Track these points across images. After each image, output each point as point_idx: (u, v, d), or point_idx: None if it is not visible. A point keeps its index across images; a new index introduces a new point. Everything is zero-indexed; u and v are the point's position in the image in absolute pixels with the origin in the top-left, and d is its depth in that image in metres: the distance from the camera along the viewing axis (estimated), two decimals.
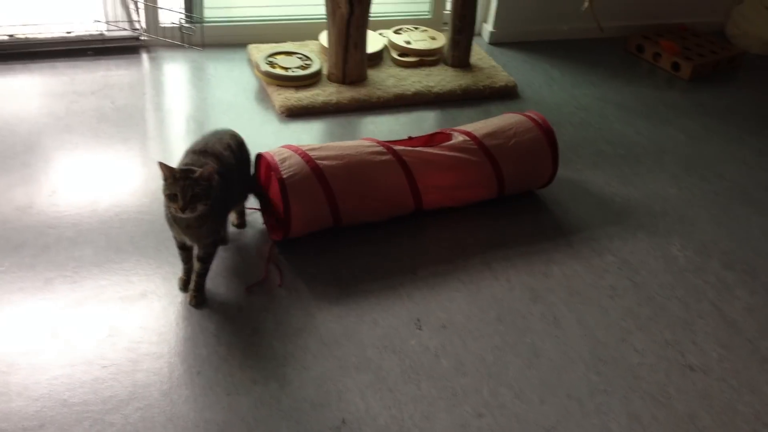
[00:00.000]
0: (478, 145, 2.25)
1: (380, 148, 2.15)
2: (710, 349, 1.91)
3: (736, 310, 2.05)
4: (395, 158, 2.14)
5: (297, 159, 2.04)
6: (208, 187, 1.73)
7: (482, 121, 2.41)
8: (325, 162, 2.05)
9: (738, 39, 3.74)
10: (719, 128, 2.98)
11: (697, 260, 2.22)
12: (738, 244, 2.31)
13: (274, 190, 2.10)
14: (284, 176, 1.99)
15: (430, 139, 2.36)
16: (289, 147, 2.11)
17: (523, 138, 2.30)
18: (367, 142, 2.19)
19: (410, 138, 2.37)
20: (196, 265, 1.88)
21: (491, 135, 2.29)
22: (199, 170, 1.72)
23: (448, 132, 2.35)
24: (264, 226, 2.17)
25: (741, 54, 3.53)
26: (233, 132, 2.05)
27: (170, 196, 1.71)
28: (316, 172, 2.03)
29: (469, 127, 2.35)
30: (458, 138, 2.27)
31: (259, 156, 2.13)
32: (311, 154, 2.07)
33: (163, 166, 1.71)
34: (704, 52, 3.45)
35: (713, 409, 1.74)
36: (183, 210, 1.70)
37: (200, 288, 1.89)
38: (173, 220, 1.79)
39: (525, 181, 2.37)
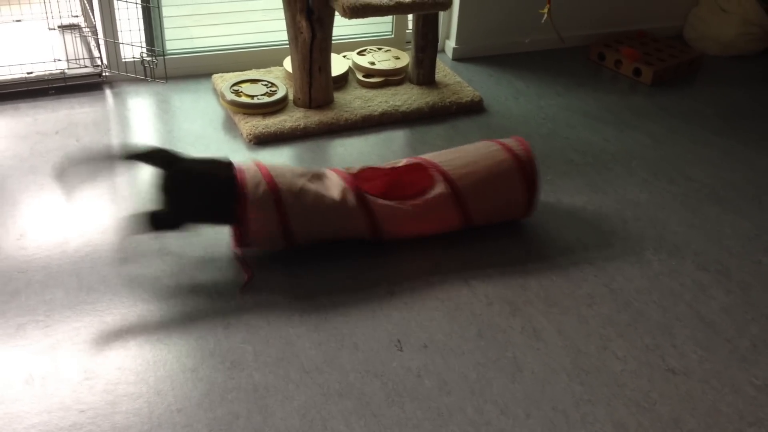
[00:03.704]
0: (455, 194, 2.17)
1: (350, 195, 2.09)
2: (690, 351, 1.92)
3: (713, 311, 2.06)
4: (364, 210, 2.10)
5: (258, 175, 2.04)
6: None
7: (463, 154, 2.26)
8: (284, 190, 2.04)
9: (696, 42, 3.80)
10: (684, 130, 3.02)
11: (672, 263, 2.24)
12: (710, 245, 2.33)
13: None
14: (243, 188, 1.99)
15: (409, 172, 2.24)
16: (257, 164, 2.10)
17: (502, 189, 2.22)
18: (337, 181, 2.12)
19: (392, 168, 2.25)
20: None
21: (473, 189, 2.19)
22: None
23: (429, 168, 2.21)
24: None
25: (700, 56, 3.59)
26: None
27: None
28: (273, 192, 2.01)
29: (447, 166, 2.21)
30: (438, 189, 2.16)
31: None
32: (277, 180, 2.05)
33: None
34: (664, 57, 3.50)
35: (697, 411, 1.75)
36: None
37: None
38: None
39: (495, 221, 2.33)
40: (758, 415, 1.75)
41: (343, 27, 3.32)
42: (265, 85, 2.98)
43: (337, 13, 2.81)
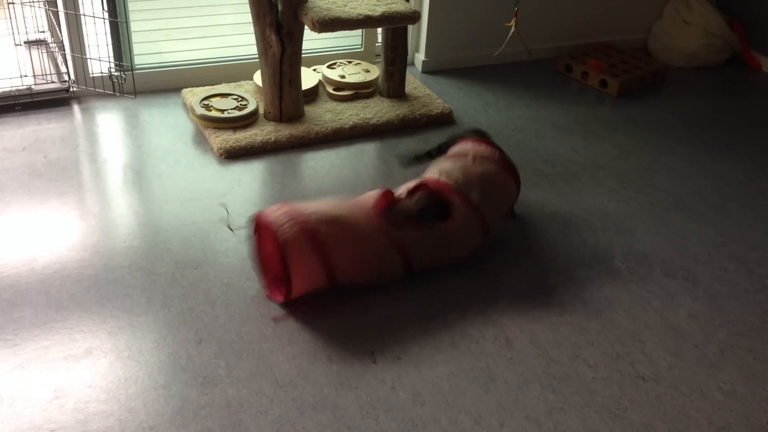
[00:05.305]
0: (476, 212, 2.21)
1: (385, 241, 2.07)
2: (659, 357, 1.95)
3: (681, 317, 2.10)
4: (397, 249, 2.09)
5: (292, 224, 1.96)
6: None
7: (467, 171, 2.26)
8: (322, 231, 1.98)
9: (660, 53, 3.87)
10: (650, 140, 3.07)
11: (640, 271, 2.27)
12: (677, 252, 2.37)
13: (269, 251, 2.07)
14: (282, 242, 1.93)
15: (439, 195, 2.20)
16: (285, 206, 2.03)
17: (504, 190, 2.35)
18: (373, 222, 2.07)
19: (419, 184, 2.21)
20: None
21: (486, 196, 2.24)
22: None
23: (449, 191, 2.19)
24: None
25: (664, 67, 3.66)
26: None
27: None
28: (309, 240, 1.95)
29: (462, 184, 2.21)
30: (461, 211, 2.17)
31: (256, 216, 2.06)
32: (308, 218, 1.98)
33: None
34: (630, 68, 3.56)
35: (667, 417, 1.77)
36: None
37: None
38: None
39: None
40: (727, 419, 1.78)
41: (312, 41, 3.33)
42: (236, 99, 2.98)
43: (306, 27, 2.82)
